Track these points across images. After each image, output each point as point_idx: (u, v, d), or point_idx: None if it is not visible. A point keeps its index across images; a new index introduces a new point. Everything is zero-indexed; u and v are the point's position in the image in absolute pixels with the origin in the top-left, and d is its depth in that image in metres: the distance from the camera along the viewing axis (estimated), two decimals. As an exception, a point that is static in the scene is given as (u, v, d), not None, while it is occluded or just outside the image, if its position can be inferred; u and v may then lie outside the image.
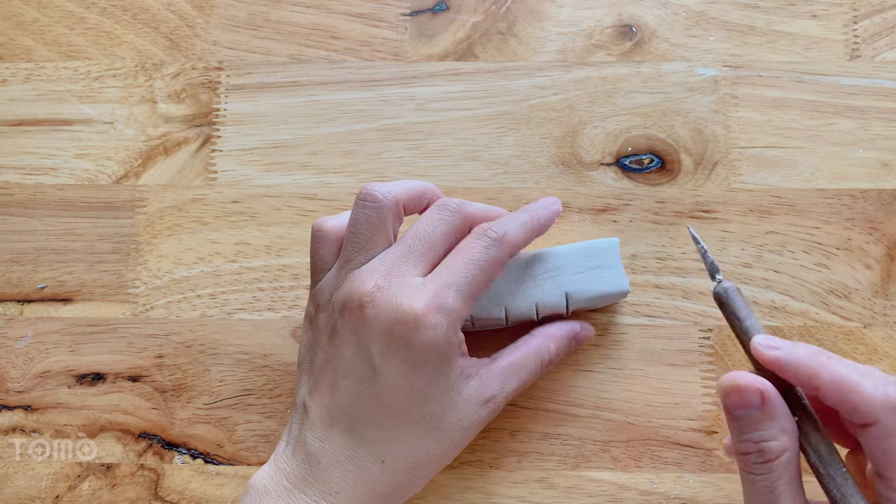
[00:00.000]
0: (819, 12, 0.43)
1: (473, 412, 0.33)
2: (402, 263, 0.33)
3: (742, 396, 0.29)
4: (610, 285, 0.37)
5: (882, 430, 0.27)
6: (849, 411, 0.28)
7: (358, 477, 0.32)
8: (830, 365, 0.28)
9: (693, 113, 0.42)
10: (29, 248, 0.42)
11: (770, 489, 0.28)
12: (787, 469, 0.28)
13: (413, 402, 0.32)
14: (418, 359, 0.32)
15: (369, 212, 0.34)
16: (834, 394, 0.28)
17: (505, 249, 0.34)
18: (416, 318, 0.31)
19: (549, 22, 0.44)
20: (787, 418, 0.29)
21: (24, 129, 0.43)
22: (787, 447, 0.28)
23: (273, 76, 0.44)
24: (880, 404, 0.27)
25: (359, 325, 0.32)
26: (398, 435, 0.32)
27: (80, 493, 0.38)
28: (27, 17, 0.45)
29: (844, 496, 0.28)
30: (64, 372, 0.40)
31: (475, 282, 0.33)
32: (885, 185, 0.40)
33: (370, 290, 0.32)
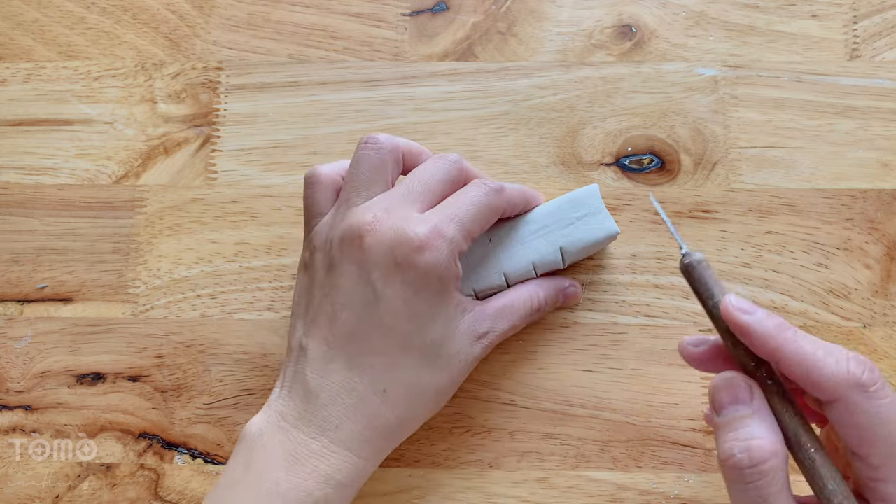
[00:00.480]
0: (819, 12, 0.43)
1: (469, 346, 0.34)
2: (402, 201, 0.33)
3: (732, 392, 0.29)
4: (599, 231, 0.37)
5: (845, 407, 0.27)
6: (812, 388, 0.28)
7: (358, 409, 0.32)
8: (796, 340, 0.28)
9: (693, 113, 0.42)
10: (29, 248, 0.42)
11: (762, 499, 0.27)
12: (777, 475, 0.27)
13: (414, 328, 0.33)
14: (420, 282, 0.32)
15: (370, 153, 0.35)
16: (797, 369, 0.28)
17: (502, 199, 0.35)
18: (419, 241, 0.32)
19: (549, 22, 0.44)
20: (772, 419, 0.28)
21: (24, 129, 0.43)
22: (777, 451, 0.27)
23: (273, 76, 0.44)
24: (842, 381, 0.27)
25: (359, 254, 0.32)
26: (400, 363, 0.33)
27: (80, 493, 0.38)
28: (27, 17, 0.45)
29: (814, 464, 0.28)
30: (64, 372, 0.40)
31: (474, 220, 0.34)
32: (884, 185, 0.40)
33: (370, 220, 0.33)
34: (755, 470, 0.27)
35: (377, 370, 0.32)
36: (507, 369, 0.39)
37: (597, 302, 0.39)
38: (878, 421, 0.27)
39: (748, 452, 0.27)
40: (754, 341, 0.28)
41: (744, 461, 0.27)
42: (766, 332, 0.28)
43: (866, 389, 0.27)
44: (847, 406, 0.27)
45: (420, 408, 0.34)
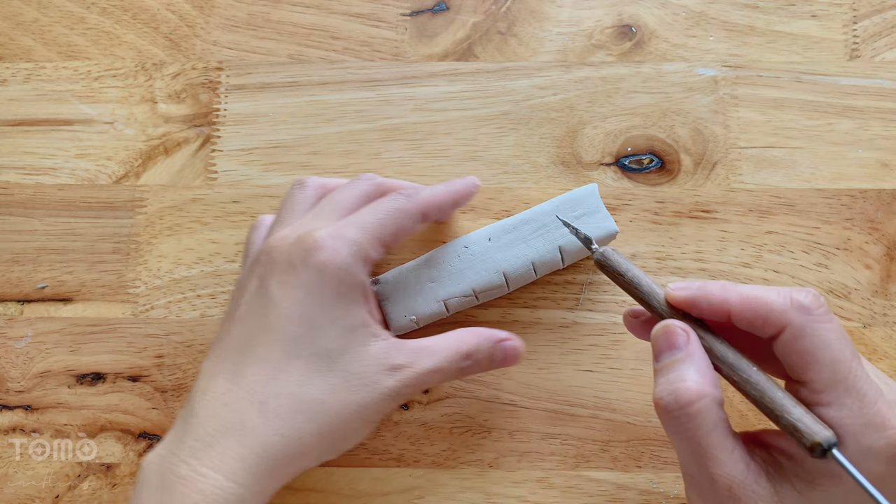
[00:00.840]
0: (819, 12, 0.43)
1: (377, 374, 0.31)
2: (311, 221, 0.34)
3: (669, 338, 0.29)
4: (598, 230, 0.37)
5: (792, 332, 0.28)
6: (761, 325, 0.28)
7: (233, 424, 0.29)
8: (738, 288, 0.29)
9: (693, 113, 0.42)
10: (29, 248, 0.42)
11: (696, 442, 0.27)
12: (706, 416, 0.27)
13: (304, 332, 0.30)
14: (314, 282, 0.31)
15: (295, 191, 0.36)
16: (746, 313, 0.28)
17: (415, 203, 0.34)
18: (314, 242, 0.31)
19: (549, 22, 0.44)
20: (706, 364, 0.29)
21: (24, 129, 0.43)
22: (705, 392, 0.27)
23: (273, 76, 0.44)
24: (787, 307, 0.28)
25: (262, 268, 0.33)
26: (284, 372, 0.30)
27: (80, 493, 0.38)
28: (27, 17, 0.45)
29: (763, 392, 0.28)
30: (64, 372, 0.40)
31: (381, 225, 0.33)
32: (884, 185, 0.40)
33: (277, 238, 0.33)
34: (682, 412, 0.27)
35: (258, 379, 0.30)
36: (507, 369, 0.39)
37: (597, 302, 0.39)
38: (822, 344, 0.27)
39: (675, 395, 0.28)
40: (703, 307, 0.29)
41: (671, 403, 0.28)
42: (710, 294, 0.29)
43: (810, 313, 0.27)
44: (792, 331, 0.28)
45: (307, 427, 0.30)
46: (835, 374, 0.27)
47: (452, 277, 0.37)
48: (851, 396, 0.27)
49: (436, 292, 0.37)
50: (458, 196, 0.36)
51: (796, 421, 0.27)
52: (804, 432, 0.26)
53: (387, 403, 0.31)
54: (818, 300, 0.28)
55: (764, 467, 0.28)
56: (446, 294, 0.37)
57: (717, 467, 0.27)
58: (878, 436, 0.26)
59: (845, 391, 0.27)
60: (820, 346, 0.27)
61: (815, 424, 0.26)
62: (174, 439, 0.30)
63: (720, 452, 0.27)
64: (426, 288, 0.37)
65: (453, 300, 0.37)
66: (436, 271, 0.37)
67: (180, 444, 0.29)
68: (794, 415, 0.27)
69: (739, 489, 0.27)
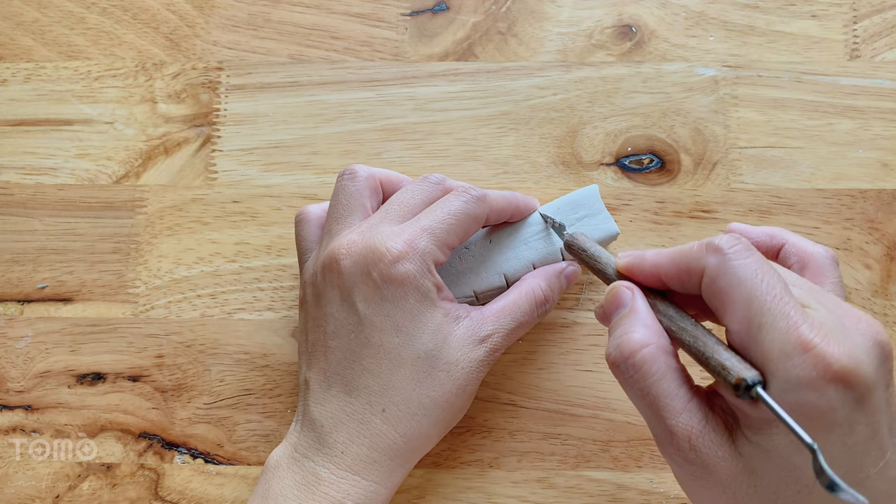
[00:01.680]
0: (819, 12, 0.43)
1: (470, 352, 0.33)
2: (379, 223, 0.34)
3: (615, 298, 0.30)
4: (599, 231, 0.37)
5: (708, 275, 0.27)
6: (687, 279, 0.28)
7: (360, 432, 0.32)
8: (666, 251, 0.29)
9: (693, 113, 0.42)
10: (29, 248, 0.42)
11: (645, 392, 0.27)
12: (654, 363, 0.27)
13: (402, 342, 0.32)
14: (398, 294, 0.32)
15: (346, 183, 0.36)
16: (672, 270, 0.28)
17: (483, 207, 0.35)
18: (392, 255, 0.32)
19: (549, 22, 0.44)
20: (649, 315, 0.29)
21: (24, 129, 0.43)
22: (648, 341, 0.27)
23: (273, 76, 0.44)
24: (702, 252, 0.27)
25: (339, 280, 0.33)
26: (394, 380, 0.32)
27: (80, 493, 0.38)
28: (27, 17, 0.45)
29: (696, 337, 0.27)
30: (64, 372, 0.40)
31: (450, 230, 0.33)
32: (884, 185, 0.40)
33: (346, 244, 0.33)
34: (627, 363, 0.27)
35: (373, 390, 0.32)
36: (507, 369, 0.39)
37: (597, 302, 0.39)
38: (736, 281, 0.26)
39: (619, 348, 0.28)
40: (642, 273, 0.30)
41: (616, 357, 0.28)
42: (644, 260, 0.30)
43: (722, 252, 0.27)
44: (709, 274, 0.27)
45: (426, 422, 0.33)
46: (750, 310, 0.25)
47: (453, 279, 0.37)
48: (774, 329, 0.25)
49: (496, 266, 0.37)
50: (517, 209, 0.37)
51: (724, 361, 0.26)
52: (730, 371, 0.25)
53: (484, 371, 0.34)
54: (734, 240, 0.27)
55: (724, 418, 0.27)
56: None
57: (672, 418, 0.26)
58: (801, 360, 0.24)
59: (768, 324, 0.25)
60: (734, 284, 0.26)
61: (739, 364, 0.25)
62: (305, 445, 0.33)
63: (673, 402, 0.26)
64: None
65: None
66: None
67: (314, 451, 0.32)
68: (723, 356, 0.26)
69: (698, 440, 0.26)
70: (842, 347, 0.24)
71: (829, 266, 0.31)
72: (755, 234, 0.33)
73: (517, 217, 0.37)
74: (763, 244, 0.33)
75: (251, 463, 0.38)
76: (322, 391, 0.33)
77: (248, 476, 0.38)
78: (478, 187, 0.35)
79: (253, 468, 0.38)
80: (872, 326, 0.26)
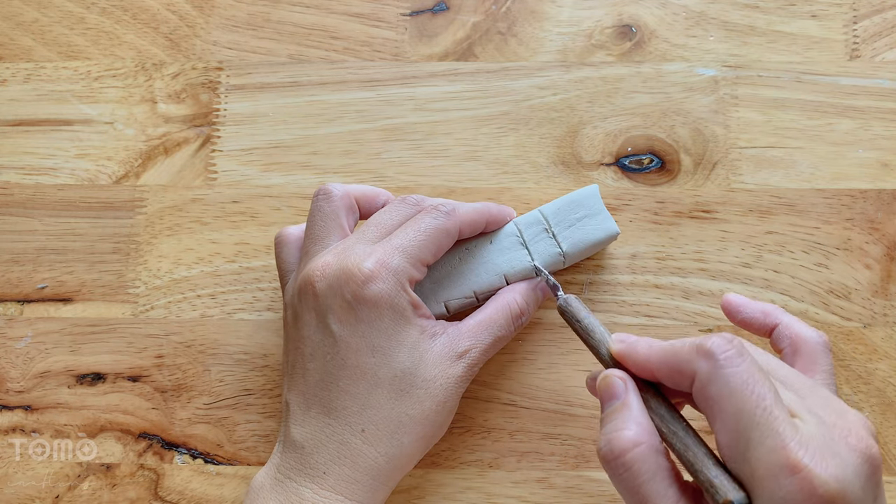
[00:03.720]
0: (819, 12, 0.43)
1: (448, 368, 0.33)
2: (354, 244, 0.34)
3: (608, 388, 0.29)
4: (600, 231, 0.37)
5: (700, 381, 0.27)
6: (679, 379, 0.28)
7: (341, 453, 0.32)
8: (657, 346, 0.29)
9: (693, 113, 0.42)
10: (29, 248, 0.42)
11: (634, 491, 0.27)
12: (645, 463, 0.27)
13: (378, 361, 0.32)
14: (372, 314, 0.32)
15: (321, 203, 0.36)
16: (664, 368, 0.28)
17: (454, 221, 0.35)
18: (363, 275, 0.32)
19: (549, 22, 0.44)
20: (642, 413, 0.28)
21: (24, 129, 0.43)
22: (640, 440, 0.27)
23: (273, 76, 0.44)
24: (693, 355, 0.27)
25: (314, 301, 0.33)
26: (372, 400, 0.32)
27: (80, 493, 0.38)
28: (27, 17, 0.45)
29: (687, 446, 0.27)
30: (64, 372, 0.40)
31: (422, 246, 0.34)
32: (884, 185, 0.40)
33: (321, 266, 0.33)
34: (618, 462, 0.27)
35: (352, 411, 0.32)
36: (507, 369, 0.39)
37: (597, 302, 0.39)
38: (727, 391, 0.26)
39: (610, 444, 0.27)
40: (632, 363, 0.30)
41: (607, 453, 0.27)
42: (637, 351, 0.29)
43: (714, 358, 0.26)
44: (700, 380, 0.27)
45: (406, 440, 0.33)
46: (739, 423, 0.25)
47: (453, 279, 0.37)
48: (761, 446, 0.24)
49: (437, 293, 0.37)
50: (491, 219, 0.37)
51: (713, 478, 0.26)
52: (717, 490, 0.25)
53: (463, 387, 0.34)
54: (726, 343, 0.27)
55: None
56: (447, 295, 0.37)
57: None
58: (788, 482, 0.24)
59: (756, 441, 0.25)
60: (724, 394, 0.26)
61: (727, 483, 0.25)
62: (288, 466, 0.33)
63: (662, 501, 0.26)
64: (427, 289, 0.37)
65: (454, 301, 0.37)
66: (437, 273, 0.37)
67: (297, 472, 0.32)
68: (711, 472, 0.26)
69: None
70: (829, 469, 0.24)
71: (821, 353, 0.31)
72: (749, 310, 0.33)
73: (492, 227, 0.37)
74: (756, 321, 0.33)
75: (251, 463, 0.38)
76: (302, 413, 0.33)
77: (247, 476, 0.38)
78: (449, 201, 0.35)
79: (253, 468, 0.38)
80: (862, 440, 0.26)
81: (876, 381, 0.38)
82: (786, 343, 0.31)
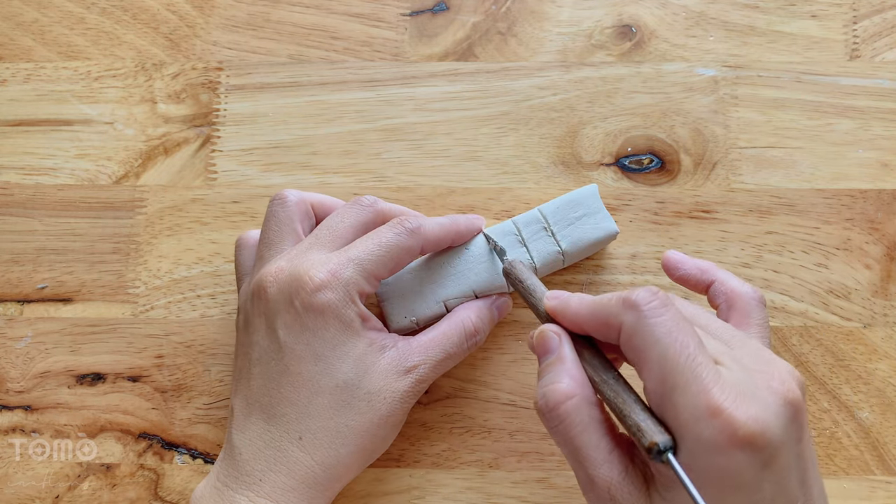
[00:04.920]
0: (819, 12, 0.43)
1: (394, 382, 0.33)
2: (307, 249, 0.34)
3: (543, 342, 0.30)
4: (599, 231, 0.37)
5: (625, 332, 0.27)
6: (606, 331, 0.28)
7: (277, 460, 0.32)
8: (588, 301, 0.29)
9: (693, 113, 0.42)
10: (29, 248, 0.42)
11: (569, 442, 0.27)
12: (578, 415, 0.27)
13: (321, 370, 0.32)
14: (319, 323, 0.32)
15: (276, 208, 0.36)
16: (593, 322, 0.29)
17: (416, 239, 0.34)
18: (314, 284, 0.32)
19: (549, 22, 0.44)
20: (575, 366, 0.29)
21: (24, 129, 0.43)
22: (573, 392, 0.28)
23: (273, 76, 0.44)
24: (619, 308, 0.27)
25: (265, 306, 0.33)
26: (312, 408, 0.32)
27: (80, 493, 0.38)
28: (27, 17, 0.45)
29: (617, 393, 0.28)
30: (64, 372, 0.40)
31: (379, 261, 0.33)
32: (884, 185, 0.40)
33: (273, 271, 0.33)
34: (553, 413, 0.28)
35: (291, 418, 0.32)
36: (507, 369, 0.39)
37: (597, 302, 0.39)
38: (652, 340, 0.26)
39: (545, 397, 0.28)
40: (564, 319, 0.30)
41: (542, 406, 0.28)
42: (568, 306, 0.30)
43: (638, 309, 0.27)
44: (625, 331, 0.27)
45: (343, 451, 0.32)
46: (663, 370, 0.26)
47: (453, 278, 0.37)
48: (685, 391, 0.25)
49: (436, 293, 0.37)
50: (458, 235, 0.37)
51: (640, 422, 0.26)
52: (644, 434, 0.26)
53: (409, 402, 0.34)
54: (650, 294, 0.27)
55: (643, 470, 0.27)
56: (446, 295, 0.37)
57: (593, 468, 0.27)
58: (709, 424, 0.24)
59: (680, 386, 0.25)
60: (649, 342, 0.26)
61: (654, 427, 0.26)
62: (225, 474, 0.33)
63: (595, 453, 0.27)
64: (426, 289, 0.37)
65: (453, 301, 0.37)
66: (436, 272, 0.37)
67: (234, 480, 0.32)
68: (639, 417, 0.26)
69: (617, 491, 0.27)
70: (749, 411, 0.24)
71: (755, 307, 0.32)
72: (686, 266, 0.34)
73: (459, 242, 0.37)
74: (693, 278, 0.33)
75: (251, 463, 0.38)
76: (244, 418, 0.33)
77: (247, 476, 0.38)
78: (415, 215, 0.35)
79: (253, 468, 0.38)
80: (784, 383, 0.26)
81: (876, 381, 0.38)
82: (721, 299, 0.32)
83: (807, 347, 0.38)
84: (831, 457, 0.37)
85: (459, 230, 0.36)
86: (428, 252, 0.36)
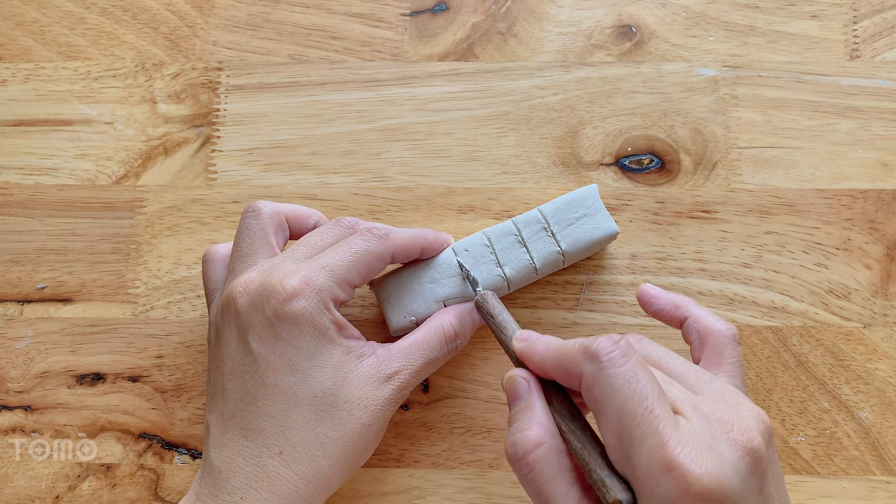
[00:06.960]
0: (819, 12, 0.43)
1: (374, 390, 0.32)
2: (281, 262, 0.33)
3: (512, 388, 0.30)
4: (599, 230, 0.37)
5: (586, 382, 0.27)
6: (568, 379, 0.28)
7: (258, 476, 0.31)
8: (553, 345, 0.29)
9: (693, 113, 0.42)
10: (29, 248, 0.42)
11: (538, 491, 0.27)
12: (547, 464, 0.27)
13: (298, 381, 0.31)
14: (293, 332, 0.31)
15: (250, 221, 0.35)
16: (557, 370, 0.28)
17: (386, 245, 0.34)
18: (286, 293, 0.31)
19: (549, 22, 0.44)
20: (544, 413, 0.29)
21: (24, 129, 0.43)
22: (542, 441, 0.27)
23: (273, 76, 0.44)
24: (580, 356, 0.27)
25: (236, 318, 0.32)
26: (291, 421, 0.31)
27: (80, 493, 0.38)
28: (27, 17, 0.45)
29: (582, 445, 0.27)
30: (64, 372, 0.40)
31: (350, 267, 0.33)
32: (884, 186, 0.40)
33: (244, 283, 0.33)
34: (522, 462, 0.27)
35: (270, 432, 0.31)
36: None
37: (597, 302, 0.39)
38: (610, 391, 0.26)
39: (514, 445, 0.28)
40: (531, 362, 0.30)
41: (512, 454, 0.28)
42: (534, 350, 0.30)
43: (599, 359, 0.26)
44: (586, 381, 0.27)
45: (326, 463, 0.31)
46: (621, 423, 0.25)
47: (452, 278, 0.37)
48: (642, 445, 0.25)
49: (435, 293, 0.37)
50: (427, 244, 0.36)
51: (605, 478, 0.26)
52: (609, 489, 0.26)
53: (391, 410, 0.33)
54: (611, 344, 0.27)
55: None
56: (446, 295, 0.37)
57: None
58: (665, 479, 0.24)
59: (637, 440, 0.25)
60: (608, 394, 0.26)
61: (618, 483, 0.26)
62: (206, 493, 0.31)
63: (564, 502, 0.27)
64: (426, 289, 0.37)
65: (453, 301, 0.37)
66: (436, 272, 0.37)
67: (214, 499, 0.31)
68: (603, 472, 0.26)
69: None
70: (704, 465, 0.24)
71: (727, 345, 0.31)
72: (661, 301, 0.33)
73: (428, 254, 0.37)
74: (667, 313, 0.33)
75: (251, 463, 0.38)
76: (220, 434, 0.32)
77: (247, 476, 0.38)
78: (385, 225, 0.35)
79: (253, 468, 0.38)
80: (745, 433, 0.26)
81: (876, 381, 0.38)
82: (694, 336, 0.32)
83: (807, 347, 0.38)
84: (831, 457, 0.37)
85: (428, 239, 0.36)
86: (399, 261, 0.36)
